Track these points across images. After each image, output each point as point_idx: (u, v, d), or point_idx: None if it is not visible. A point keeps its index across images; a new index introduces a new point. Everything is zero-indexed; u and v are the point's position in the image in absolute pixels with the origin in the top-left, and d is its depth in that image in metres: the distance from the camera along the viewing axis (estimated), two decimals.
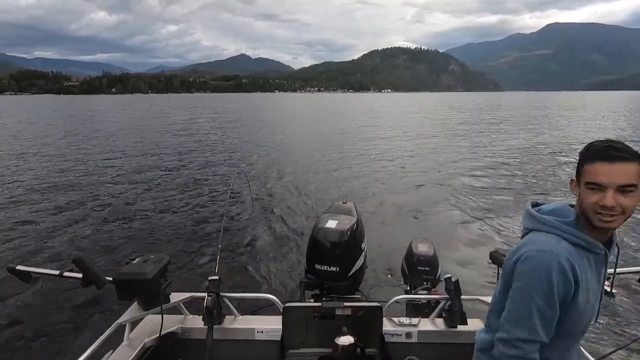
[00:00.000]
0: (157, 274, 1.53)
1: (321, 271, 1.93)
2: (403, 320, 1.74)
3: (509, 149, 14.19)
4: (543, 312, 0.96)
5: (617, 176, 0.92)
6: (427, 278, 2.21)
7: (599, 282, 1.04)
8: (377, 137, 18.36)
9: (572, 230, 0.99)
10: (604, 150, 0.94)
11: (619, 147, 0.94)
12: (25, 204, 7.35)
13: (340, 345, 1.47)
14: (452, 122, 27.23)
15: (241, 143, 16.33)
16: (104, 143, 16.17)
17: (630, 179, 0.92)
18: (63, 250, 5.20)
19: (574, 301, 0.98)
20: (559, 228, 1.00)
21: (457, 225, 6.14)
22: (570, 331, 1.05)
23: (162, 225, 6.20)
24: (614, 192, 0.92)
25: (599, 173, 0.94)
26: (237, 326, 1.74)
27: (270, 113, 41.44)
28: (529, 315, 0.97)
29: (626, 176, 0.92)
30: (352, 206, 2.21)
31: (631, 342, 1.93)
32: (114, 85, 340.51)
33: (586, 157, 0.97)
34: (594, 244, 1.00)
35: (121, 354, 1.50)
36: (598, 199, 0.94)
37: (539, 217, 1.05)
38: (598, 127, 22.83)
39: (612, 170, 0.92)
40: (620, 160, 0.92)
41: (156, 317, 1.61)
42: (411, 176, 9.79)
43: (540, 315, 0.96)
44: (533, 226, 1.05)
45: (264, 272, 4.54)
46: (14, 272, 1.48)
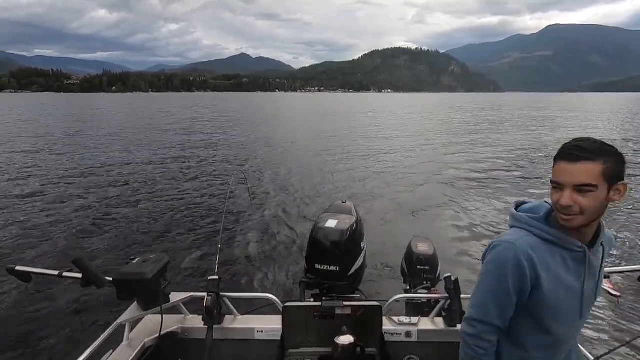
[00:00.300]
0: (157, 274, 1.53)
1: (321, 271, 1.93)
2: (403, 319, 1.73)
3: (509, 149, 14.21)
4: (496, 297, 1.02)
5: (574, 176, 0.93)
6: (427, 277, 2.22)
7: (580, 281, 1.02)
8: (377, 136, 18.38)
9: (541, 226, 1.02)
10: (568, 150, 0.95)
11: (585, 146, 0.94)
12: (24, 204, 7.35)
13: (340, 344, 1.47)
14: (452, 123, 27.25)
15: (241, 142, 16.34)
16: (103, 142, 16.17)
17: (588, 178, 0.92)
18: (63, 250, 5.20)
19: (537, 295, 1.00)
20: (528, 224, 1.03)
21: (457, 225, 6.16)
22: (550, 328, 1.04)
23: (161, 225, 6.20)
24: (570, 191, 0.94)
25: (559, 172, 0.96)
26: (237, 326, 1.74)
27: (271, 112, 41.43)
28: (484, 298, 1.04)
29: (584, 176, 0.92)
30: (351, 206, 2.21)
31: (631, 340, 1.93)
32: (114, 83, 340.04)
33: (555, 156, 0.99)
34: (565, 240, 1.00)
35: (121, 354, 1.50)
36: (558, 198, 0.96)
37: (515, 214, 1.08)
38: (597, 128, 22.84)
39: (571, 169, 0.94)
40: (582, 160, 0.93)
41: (156, 317, 1.60)
42: (411, 175, 9.81)
43: (493, 299, 1.03)
44: (512, 223, 1.09)
45: (263, 271, 4.54)
46: (13, 273, 1.48)
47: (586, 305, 1.05)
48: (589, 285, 1.04)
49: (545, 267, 0.99)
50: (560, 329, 1.05)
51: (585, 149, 0.93)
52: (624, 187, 0.96)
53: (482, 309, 1.05)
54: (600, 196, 0.94)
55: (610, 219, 6.35)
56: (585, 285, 1.03)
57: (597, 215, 0.97)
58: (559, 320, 1.04)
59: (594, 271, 1.05)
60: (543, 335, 1.06)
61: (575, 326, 1.09)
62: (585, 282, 1.02)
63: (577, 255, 1.01)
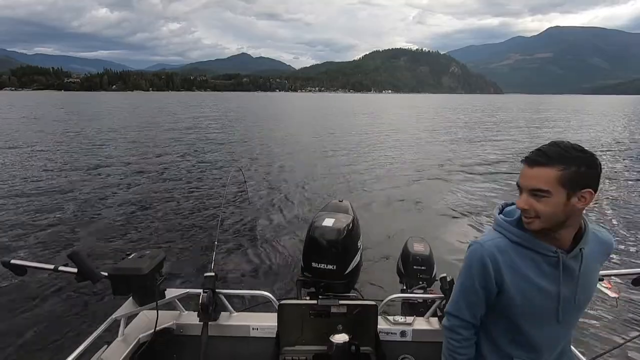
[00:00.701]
0: (153, 270, 1.52)
1: (318, 269, 1.93)
2: (398, 318, 1.74)
3: (506, 150, 14.21)
4: (465, 294, 1.08)
5: (529, 180, 0.95)
6: (423, 277, 2.22)
7: (555, 284, 1.00)
8: (375, 136, 18.36)
9: (511, 229, 1.03)
10: (531, 154, 0.96)
11: (546, 151, 0.93)
12: (20, 198, 7.34)
13: (335, 343, 1.47)
14: (451, 123, 27.24)
15: (239, 141, 16.34)
16: (101, 138, 16.17)
17: (541, 183, 0.93)
18: (58, 244, 5.19)
19: (505, 295, 1.02)
20: (501, 226, 1.05)
21: (453, 225, 6.16)
22: (524, 331, 1.04)
23: (158, 220, 6.20)
24: (527, 195, 0.96)
25: (520, 175, 0.98)
26: (232, 323, 1.74)
27: (270, 112, 41.43)
28: (456, 294, 1.11)
29: (537, 181, 0.93)
30: (348, 204, 2.21)
31: (624, 343, 1.93)
32: (115, 82, 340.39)
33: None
34: (535, 244, 0.99)
35: (116, 349, 1.49)
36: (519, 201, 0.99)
37: (495, 216, 1.10)
38: (596, 129, 22.85)
39: (528, 173, 0.95)
40: (537, 165, 0.93)
41: (151, 313, 1.60)
42: (407, 175, 9.80)
43: (463, 296, 1.09)
44: (492, 224, 1.11)
45: (259, 269, 4.54)
46: (8, 266, 1.47)
47: (566, 310, 1.03)
48: (568, 290, 1.01)
49: (512, 269, 1.00)
50: (536, 333, 1.04)
51: (545, 153, 0.93)
52: (590, 195, 0.93)
53: (455, 304, 1.11)
54: (555, 202, 0.93)
55: (610, 221, 6.35)
56: (563, 289, 1.01)
57: (558, 221, 0.96)
58: (534, 323, 1.04)
59: (572, 276, 1.01)
60: (520, 338, 1.06)
61: (556, 331, 1.06)
62: (562, 286, 1.00)
63: (551, 260, 1.00)
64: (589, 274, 1.04)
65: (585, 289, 1.04)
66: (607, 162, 11.72)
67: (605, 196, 7.80)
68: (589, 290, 1.06)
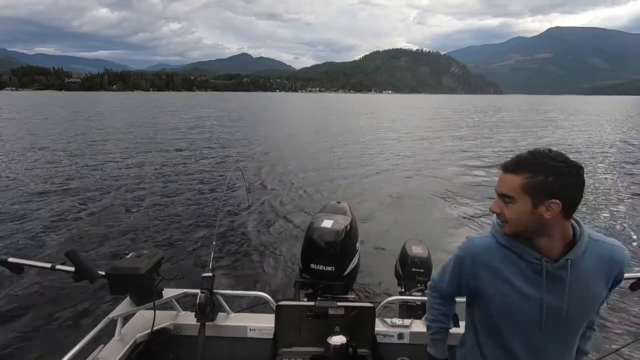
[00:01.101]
0: (150, 270, 1.52)
1: (317, 271, 1.92)
2: (396, 321, 1.73)
3: (504, 151, 14.19)
4: (449, 276, 1.18)
5: (500, 185, 0.99)
6: (421, 280, 2.21)
7: (538, 291, 0.98)
8: (375, 137, 18.36)
9: (499, 230, 1.05)
10: (506, 160, 1.00)
11: (520, 157, 0.96)
12: (18, 196, 7.34)
13: (332, 344, 1.47)
14: (450, 124, 27.24)
15: (238, 140, 16.33)
16: (101, 138, 16.17)
17: (507, 189, 0.97)
18: (56, 243, 5.18)
19: (483, 295, 1.06)
20: (493, 227, 1.08)
21: (451, 227, 6.12)
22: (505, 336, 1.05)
23: (156, 220, 6.19)
24: (498, 199, 1.00)
25: (498, 180, 1.01)
26: (229, 323, 1.74)
27: (270, 112, 41.44)
28: (441, 270, 1.23)
29: (505, 186, 0.97)
30: (346, 206, 2.21)
31: (619, 349, 1.92)
32: (115, 82, 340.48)
33: None
34: (518, 248, 1.01)
35: (112, 349, 1.49)
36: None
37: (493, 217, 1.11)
38: (595, 130, 22.84)
39: (500, 178, 1.00)
40: (508, 171, 0.97)
41: (148, 313, 1.60)
42: (405, 177, 9.79)
43: (444, 274, 1.20)
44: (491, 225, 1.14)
45: (257, 270, 4.53)
46: (5, 264, 1.47)
47: (551, 320, 1.00)
48: (553, 299, 0.98)
49: (492, 270, 1.03)
50: (517, 339, 1.04)
51: (516, 160, 0.97)
52: (556, 206, 0.91)
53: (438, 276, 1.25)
54: (519, 209, 0.95)
55: (607, 224, 6.35)
56: (547, 297, 0.98)
57: (528, 228, 0.96)
58: (514, 329, 1.04)
59: (560, 287, 0.98)
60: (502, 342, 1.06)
61: (542, 343, 1.02)
62: (545, 294, 0.98)
63: (535, 267, 0.99)
64: (585, 288, 0.99)
65: (579, 302, 1.00)
66: (606, 166, 11.71)
67: (603, 199, 7.80)
68: (584, 306, 1.01)
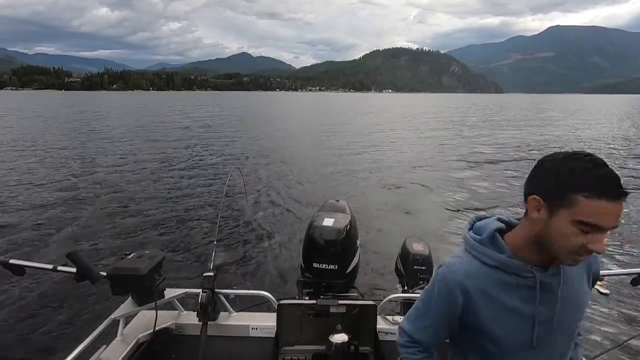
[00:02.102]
0: (152, 270, 1.53)
1: (319, 269, 1.93)
2: (397, 318, 1.74)
3: (505, 149, 14.20)
4: (422, 315, 0.98)
5: (618, 218, 0.74)
6: (423, 277, 2.20)
7: (531, 304, 0.87)
8: (374, 135, 18.36)
9: (483, 249, 0.89)
10: (611, 184, 0.73)
11: (617, 176, 0.74)
12: (20, 197, 7.35)
13: (334, 342, 1.47)
14: (449, 123, 27.23)
15: (238, 140, 16.33)
16: (100, 139, 16.17)
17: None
18: (57, 244, 5.18)
19: (473, 321, 0.90)
20: (472, 247, 0.92)
21: (451, 224, 6.11)
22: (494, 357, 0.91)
23: (157, 220, 6.19)
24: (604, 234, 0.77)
25: (605, 214, 0.73)
26: (231, 323, 1.74)
27: (270, 111, 41.45)
28: (414, 311, 1.02)
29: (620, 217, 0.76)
30: (345, 204, 2.22)
31: (622, 343, 1.93)
32: (115, 82, 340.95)
33: (583, 186, 0.74)
34: (512, 267, 0.86)
35: (115, 349, 1.50)
36: (587, 242, 0.76)
37: (463, 235, 0.97)
38: (594, 129, 22.82)
39: (616, 211, 0.73)
40: (624, 196, 0.73)
41: (150, 313, 1.60)
42: (404, 174, 9.79)
43: (419, 315, 0.99)
44: (464, 244, 0.96)
45: (258, 269, 4.54)
46: (7, 266, 1.48)
47: (543, 333, 0.89)
48: (546, 310, 0.88)
49: (483, 295, 0.88)
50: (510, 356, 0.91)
51: (620, 181, 0.75)
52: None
53: (409, 320, 1.02)
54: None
55: None
56: (539, 310, 0.87)
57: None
58: (505, 350, 0.90)
59: (551, 295, 0.88)
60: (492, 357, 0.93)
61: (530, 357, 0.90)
62: (538, 306, 0.87)
63: (528, 281, 0.87)
64: (575, 293, 0.90)
65: (571, 309, 0.90)
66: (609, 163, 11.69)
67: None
68: (576, 312, 0.92)
